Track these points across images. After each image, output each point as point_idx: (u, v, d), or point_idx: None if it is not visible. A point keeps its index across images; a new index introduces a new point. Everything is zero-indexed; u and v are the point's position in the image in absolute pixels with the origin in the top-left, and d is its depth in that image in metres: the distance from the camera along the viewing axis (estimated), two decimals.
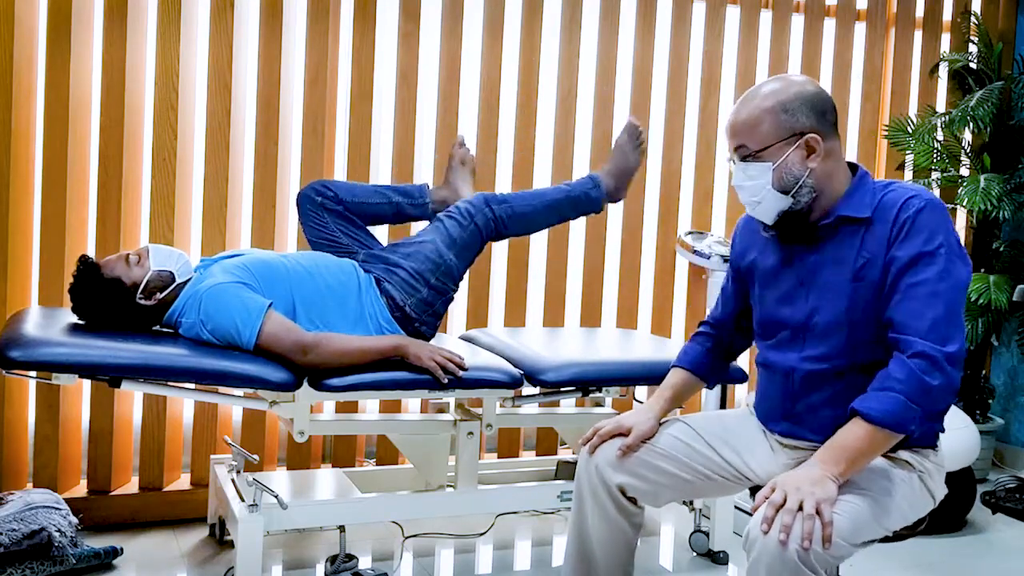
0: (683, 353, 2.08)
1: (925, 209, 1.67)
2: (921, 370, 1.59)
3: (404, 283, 2.52)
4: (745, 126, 1.76)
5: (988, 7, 4.00)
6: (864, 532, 1.61)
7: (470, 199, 2.62)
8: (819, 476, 1.57)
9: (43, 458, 2.83)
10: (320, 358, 2.28)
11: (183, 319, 2.34)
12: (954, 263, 1.65)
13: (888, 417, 1.60)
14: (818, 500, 1.52)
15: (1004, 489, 3.19)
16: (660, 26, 3.50)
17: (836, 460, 1.60)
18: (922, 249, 1.65)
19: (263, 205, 3.03)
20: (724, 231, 3.65)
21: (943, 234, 1.66)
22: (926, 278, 1.63)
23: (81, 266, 2.34)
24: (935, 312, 1.61)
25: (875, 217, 1.72)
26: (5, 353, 2.04)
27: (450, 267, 2.55)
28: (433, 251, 2.55)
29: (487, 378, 2.43)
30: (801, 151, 1.74)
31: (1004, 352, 4.03)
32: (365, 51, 3.11)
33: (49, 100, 2.77)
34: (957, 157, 3.87)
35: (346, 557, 2.55)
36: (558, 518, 3.15)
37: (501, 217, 2.61)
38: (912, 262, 1.65)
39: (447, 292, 2.58)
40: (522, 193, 2.68)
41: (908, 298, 1.64)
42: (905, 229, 1.67)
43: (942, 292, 1.62)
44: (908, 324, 1.63)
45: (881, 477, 1.69)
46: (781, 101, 1.74)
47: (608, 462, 1.85)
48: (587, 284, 3.46)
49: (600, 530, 1.86)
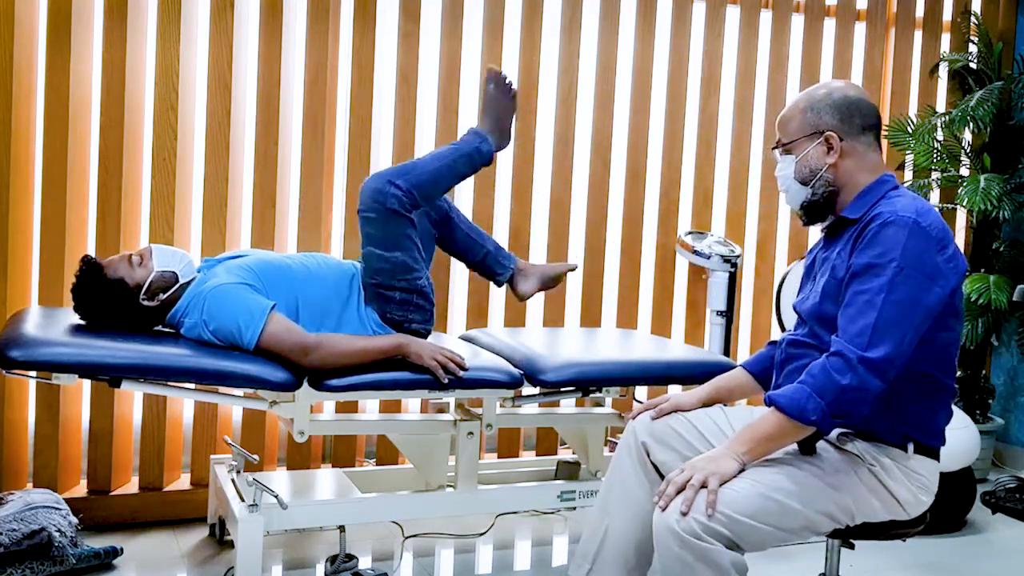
0: (752, 356, 2.17)
1: (890, 224, 1.74)
2: (833, 368, 1.68)
3: (377, 296, 2.51)
4: (781, 122, 1.94)
5: (988, 7, 4.00)
6: (768, 508, 1.67)
7: (374, 185, 2.47)
8: (721, 454, 1.72)
9: (43, 458, 2.83)
10: (321, 359, 2.29)
11: (186, 319, 2.34)
12: (907, 279, 1.70)
13: (791, 405, 1.69)
14: (707, 474, 1.66)
15: (1004, 489, 3.19)
16: (660, 26, 3.50)
17: (744, 441, 1.73)
18: (872, 261, 1.73)
19: (263, 205, 3.03)
20: (724, 231, 3.65)
21: (899, 250, 1.71)
22: (868, 288, 1.72)
23: (84, 266, 2.34)
24: (866, 320, 1.69)
25: (859, 222, 1.82)
26: (5, 353, 2.04)
27: (400, 263, 2.47)
28: (376, 259, 2.48)
29: (487, 378, 2.43)
30: (821, 147, 1.87)
31: (1004, 352, 4.03)
32: (365, 51, 3.11)
33: (49, 100, 2.77)
34: (957, 157, 3.87)
35: (346, 557, 2.55)
36: (558, 518, 3.15)
37: (409, 190, 2.47)
38: (862, 271, 1.74)
39: (417, 284, 2.50)
40: (415, 161, 2.57)
41: (848, 304, 1.74)
42: (866, 239, 1.76)
43: (879, 304, 1.69)
44: (842, 327, 1.73)
45: (812, 462, 1.76)
46: (811, 102, 1.89)
47: (642, 422, 1.98)
48: (587, 284, 3.46)
49: (622, 497, 1.94)
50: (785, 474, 1.72)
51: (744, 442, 1.73)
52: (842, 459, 1.78)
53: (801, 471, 1.74)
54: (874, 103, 1.96)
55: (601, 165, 3.44)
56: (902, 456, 1.80)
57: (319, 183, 3.09)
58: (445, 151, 2.61)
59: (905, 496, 1.80)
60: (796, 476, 1.72)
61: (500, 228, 3.34)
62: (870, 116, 1.87)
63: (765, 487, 1.69)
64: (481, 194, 3.29)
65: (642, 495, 1.93)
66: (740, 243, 3.63)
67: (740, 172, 3.64)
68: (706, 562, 1.60)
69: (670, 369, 2.64)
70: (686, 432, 1.95)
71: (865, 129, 1.87)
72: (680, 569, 1.62)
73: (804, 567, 2.75)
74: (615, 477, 1.98)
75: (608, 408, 3.13)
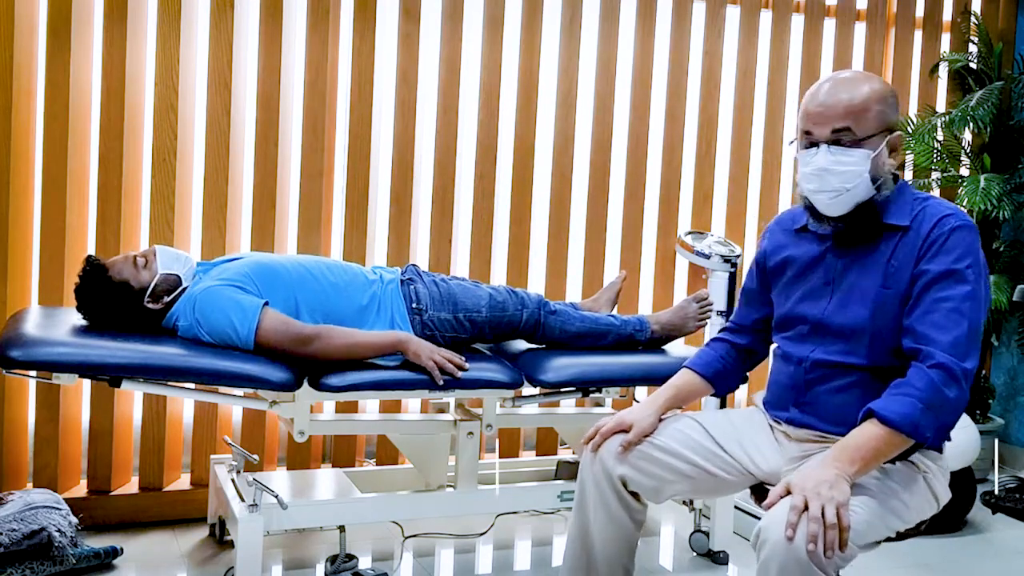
0: (696, 356, 2.08)
1: (960, 228, 1.70)
2: (940, 381, 1.62)
3: (439, 294, 2.52)
4: (853, 110, 1.74)
5: (988, 7, 4.00)
6: (872, 533, 1.62)
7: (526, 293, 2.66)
8: (833, 477, 1.56)
9: (43, 458, 2.83)
10: (321, 349, 2.29)
11: (180, 322, 2.34)
12: (980, 285, 1.69)
13: (905, 421, 1.61)
14: (838, 504, 1.51)
15: (1004, 489, 3.19)
16: (660, 26, 3.50)
17: (851, 460, 1.60)
18: (952, 266, 1.68)
19: (263, 205, 3.03)
20: (724, 231, 3.65)
21: (973, 255, 1.69)
22: (952, 295, 1.66)
23: (88, 267, 2.34)
24: (959, 329, 1.64)
25: (911, 227, 1.75)
26: (5, 353, 2.04)
27: (477, 317, 2.55)
28: (480, 296, 2.57)
29: (487, 378, 2.43)
30: (888, 146, 1.78)
31: (1004, 352, 4.03)
32: (365, 51, 3.11)
33: (49, 100, 2.77)
34: (957, 157, 3.87)
35: (346, 557, 2.55)
36: (558, 518, 3.15)
37: (546, 323, 2.63)
38: (941, 277, 1.68)
39: (461, 330, 2.55)
40: (573, 312, 2.72)
41: (933, 311, 1.67)
42: (938, 244, 1.70)
43: (966, 311, 1.65)
44: (931, 336, 1.66)
45: (888, 478, 1.70)
46: (881, 95, 1.75)
47: (611, 454, 1.86)
48: (587, 284, 3.45)
49: (602, 524, 1.86)
50: (880, 497, 1.66)
51: (852, 461, 1.60)
52: (903, 469, 1.74)
53: (885, 487, 1.68)
54: None
55: (601, 165, 3.44)
56: (938, 457, 1.80)
57: (319, 183, 3.09)
58: (604, 317, 2.73)
59: (943, 495, 1.80)
60: (886, 498, 1.67)
61: (500, 228, 3.34)
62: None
63: (877, 514, 1.63)
64: (481, 195, 3.29)
65: (624, 517, 1.86)
66: (740, 243, 3.63)
67: (740, 172, 3.64)
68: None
69: (670, 370, 2.62)
70: (665, 455, 1.86)
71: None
72: None
73: None
74: (591, 506, 1.86)
75: (608, 408, 3.13)
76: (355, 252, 3.12)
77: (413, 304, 2.50)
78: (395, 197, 3.18)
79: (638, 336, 2.74)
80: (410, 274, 2.59)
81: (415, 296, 2.51)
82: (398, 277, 2.57)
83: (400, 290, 2.52)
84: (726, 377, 2.06)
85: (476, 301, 2.56)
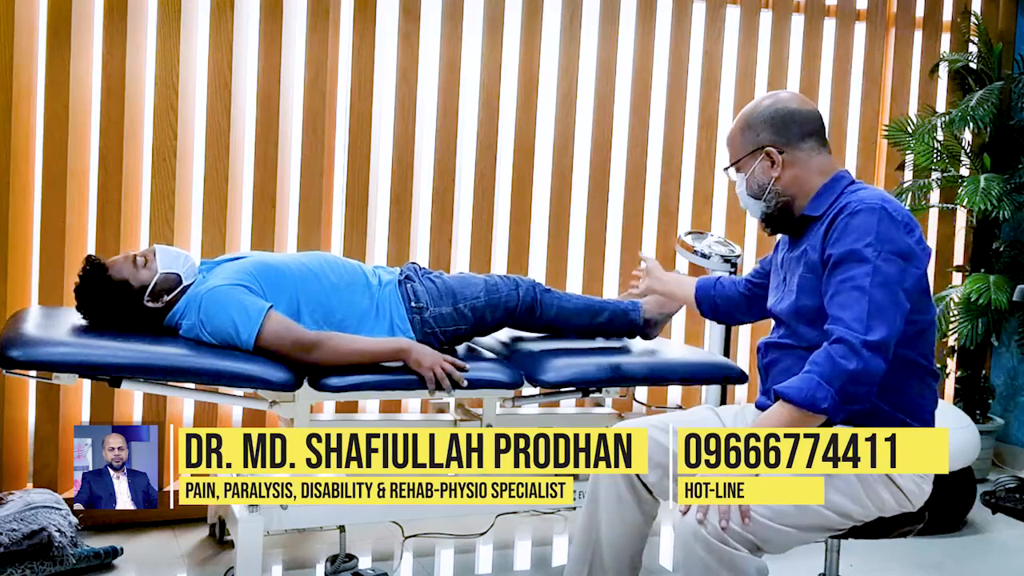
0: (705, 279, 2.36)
1: (860, 212, 1.77)
2: (838, 354, 1.69)
3: (438, 290, 2.52)
4: (727, 142, 2.01)
5: (988, 7, 4.00)
6: (786, 509, 1.68)
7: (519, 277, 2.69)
8: None
9: (43, 458, 2.83)
10: (322, 357, 2.29)
11: (183, 321, 2.34)
12: (887, 262, 1.74)
13: (801, 395, 1.69)
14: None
15: (1004, 489, 3.18)
16: (660, 26, 3.50)
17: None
18: (850, 247, 1.76)
19: (263, 205, 3.03)
20: (724, 231, 3.65)
21: (873, 234, 1.75)
22: (854, 274, 1.74)
23: (88, 266, 2.33)
24: (859, 305, 1.71)
25: (824, 217, 1.85)
26: (5, 353, 2.04)
27: (477, 303, 2.56)
28: (475, 283, 2.58)
29: (487, 378, 2.43)
30: (765, 162, 1.92)
31: (1004, 352, 4.03)
32: (365, 51, 3.11)
33: (49, 100, 2.77)
34: (957, 157, 3.87)
35: (346, 557, 2.55)
36: (558, 518, 3.15)
37: (543, 300, 2.64)
38: (842, 259, 1.77)
39: (463, 322, 2.55)
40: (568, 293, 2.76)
41: (839, 293, 1.76)
42: (839, 229, 1.79)
43: (867, 288, 1.72)
44: (835, 316, 1.74)
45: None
46: (747, 120, 1.95)
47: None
48: (587, 284, 3.45)
49: (612, 516, 1.93)
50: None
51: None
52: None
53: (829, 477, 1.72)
54: (814, 107, 1.97)
55: (601, 165, 3.44)
56: None
57: (319, 183, 3.09)
58: (597, 299, 2.79)
59: (910, 487, 1.81)
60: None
61: (500, 228, 3.34)
62: (808, 122, 1.91)
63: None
64: (481, 194, 3.29)
65: (635, 509, 1.93)
66: (740, 243, 3.63)
67: None
68: (731, 568, 1.61)
69: (670, 370, 2.64)
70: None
71: (805, 136, 1.91)
72: (703, 573, 1.62)
73: (804, 567, 2.75)
74: (603, 497, 1.95)
75: (608, 408, 3.12)
76: (355, 252, 3.12)
77: (412, 303, 2.50)
78: (395, 197, 3.18)
79: (632, 315, 2.75)
80: (407, 272, 2.58)
81: (413, 295, 2.51)
82: (395, 278, 2.56)
83: (398, 291, 2.52)
84: (709, 300, 2.34)
85: (473, 289, 2.57)
